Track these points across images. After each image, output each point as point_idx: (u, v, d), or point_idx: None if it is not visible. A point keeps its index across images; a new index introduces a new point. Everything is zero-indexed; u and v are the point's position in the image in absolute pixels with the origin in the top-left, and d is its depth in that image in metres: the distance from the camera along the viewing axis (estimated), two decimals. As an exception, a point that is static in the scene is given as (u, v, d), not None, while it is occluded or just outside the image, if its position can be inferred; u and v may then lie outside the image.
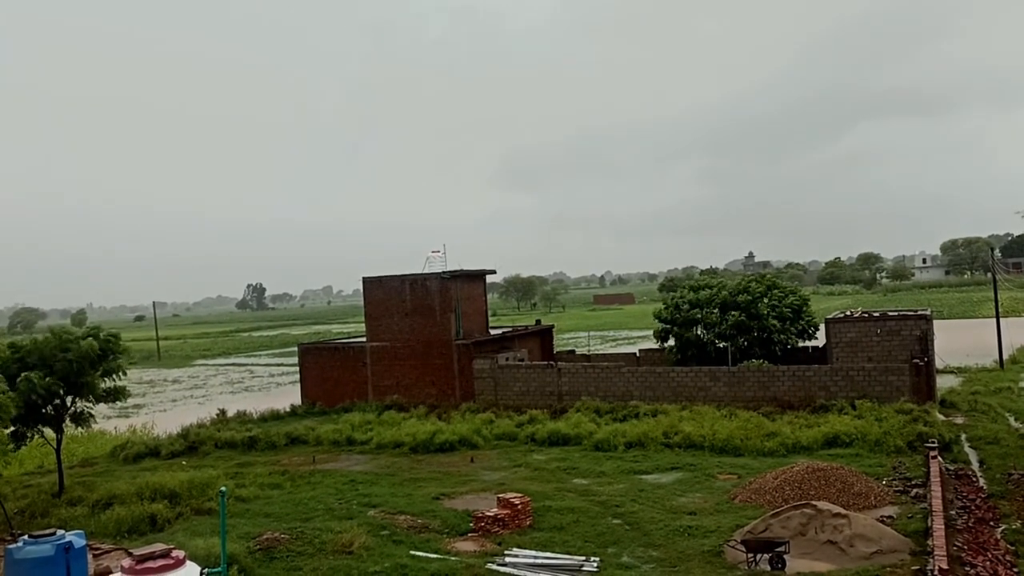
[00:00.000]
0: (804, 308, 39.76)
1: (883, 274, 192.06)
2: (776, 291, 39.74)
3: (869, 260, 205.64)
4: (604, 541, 18.72)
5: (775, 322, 37.73)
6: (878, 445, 26.48)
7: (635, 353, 45.27)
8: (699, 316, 39.36)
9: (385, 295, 42.35)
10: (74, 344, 25.25)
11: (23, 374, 24.25)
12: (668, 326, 41.13)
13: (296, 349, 47.98)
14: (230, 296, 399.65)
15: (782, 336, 38.21)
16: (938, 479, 19.96)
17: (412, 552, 18.11)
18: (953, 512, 19.41)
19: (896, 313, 37.99)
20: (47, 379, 24.33)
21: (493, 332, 45.25)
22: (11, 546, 12.99)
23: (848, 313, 40.49)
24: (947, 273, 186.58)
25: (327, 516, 21.23)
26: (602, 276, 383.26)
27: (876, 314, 38.33)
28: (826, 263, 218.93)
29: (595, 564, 16.95)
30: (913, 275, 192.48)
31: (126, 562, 11.86)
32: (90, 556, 14.62)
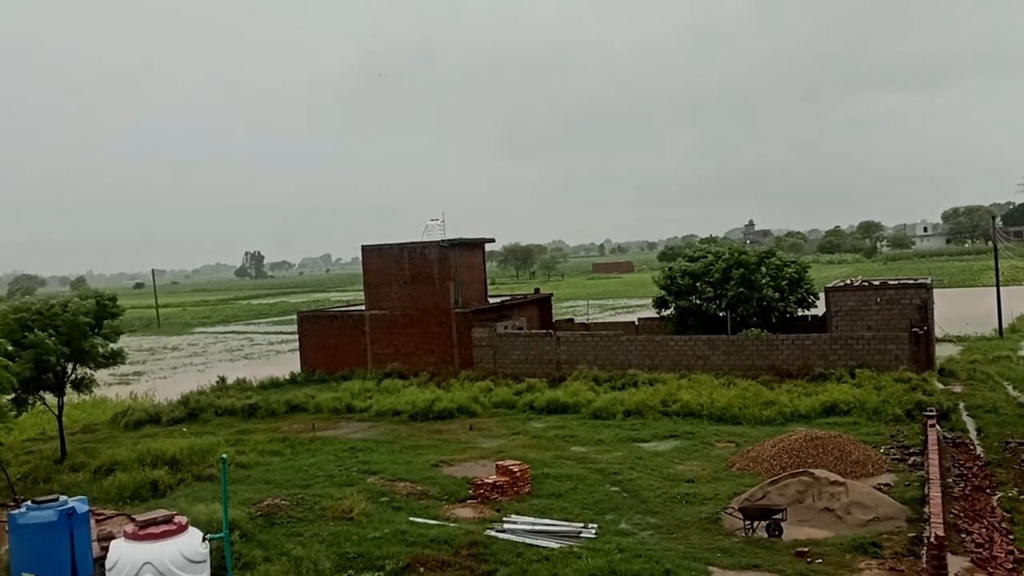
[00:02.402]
0: (803, 277, 39.70)
1: (884, 243, 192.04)
2: (773, 259, 39.60)
3: (870, 229, 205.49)
4: (602, 508, 18.84)
5: (773, 293, 37.67)
6: (876, 413, 26.59)
7: (634, 322, 45.31)
8: (697, 286, 39.29)
9: (384, 263, 42.30)
10: (72, 304, 25.33)
11: (35, 333, 24.29)
12: (666, 295, 41.09)
13: (295, 317, 48.02)
14: (229, 264, 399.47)
15: (780, 305, 38.18)
16: (935, 447, 20.05)
17: (411, 518, 18.22)
18: (950, 480, 19.53)
19: (896, 282, 38.05)
20: (51, 342, 24.42)
21: (492, 300, 45.26)
22: (14, 511, 13.08)
23: (848, 282, 40.53)
24: (948, 242, 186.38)
25: (327, 483, 21.35)
26: (601, 244, 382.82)
27: (876, 283, 38.37)
28: (826, 232, 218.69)
29: (593, 531, 17.07)
30: (914, 244, 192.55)
31: (129, 527, 11.96)
32: (93, 521, 14.72)
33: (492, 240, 46.21)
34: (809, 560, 15.06)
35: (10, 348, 21.54)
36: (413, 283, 41.48)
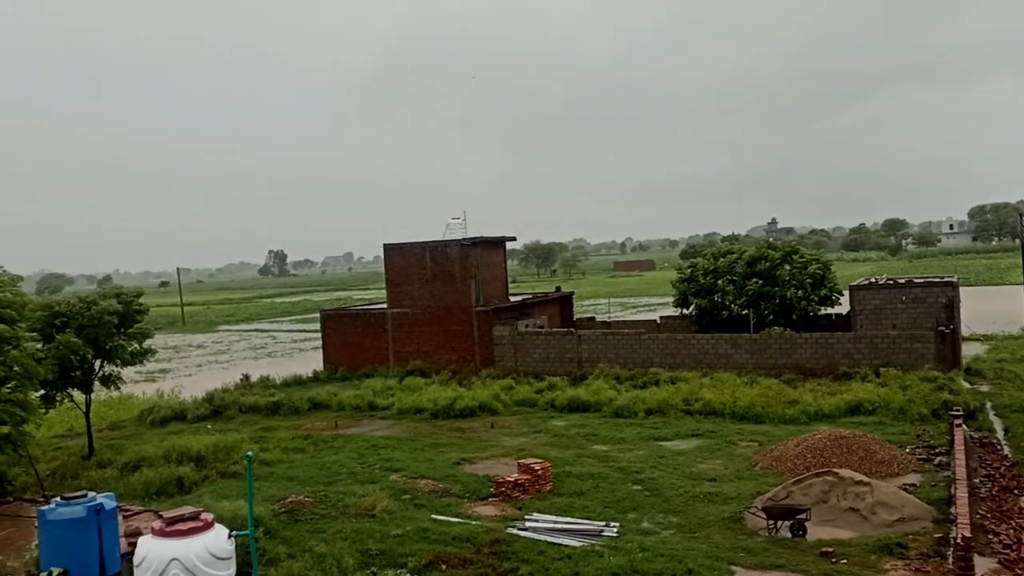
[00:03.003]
0: (827, 275, 39.40)
1: (909, 240, 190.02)
2: (796, 257, 39.33)
3: (895, 226, 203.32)
4: (624, 507, 18.81)
5: (796, 291, 37.42)
6: (902, 413, 26.35)
7: (655, 320, 45.17)
8: (719, 285, 39.14)
9: (406, 262, 42.45)
10: (96, 305, 25.62)
11: (60, 335, 24.63)
12: (687, 294, 40.98)
13: (318, 315, 48.29)
14: (252, 262, 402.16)
15: (803, 303, 37.92)
16: (962, 447, 19.85)
17: (433, 516, 18.28)
18: (977, 480, 19.32)
19: (922, 280, 37.63)
20: (78, 340, 24.74)
21: (513, 299, 45.30)
22: (44, 508, 13.26)
23: (873, 280, 40.18)
24: (974, 239, 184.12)
25: (350, 480, 21.45)
26: (623, 242, 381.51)
27: (901, 281, 38.00)
28: (851, 229, 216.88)
29: (615, 529, 17.05)
30: (939, 241, 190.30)
31: (156, 524, 12.09)
32: (120, 517, 14.90)
33: (513, 238, 46.24)
34: (834, 560, 14.96)
35: (39, 346, 21.84)
36: (434, 281, 41.59)
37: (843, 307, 39.45)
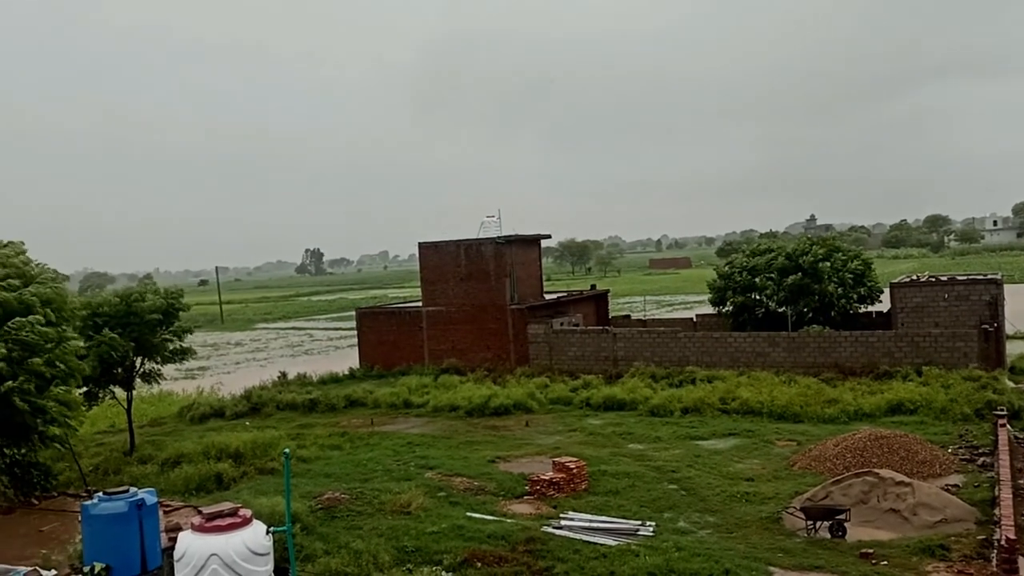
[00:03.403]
0: (867, 272, 38.84)
1: (951, 237, 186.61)
2: (839, 255, 38.86)
3: (937, 222, 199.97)
4: (660, 506, 18.70)
5: (836, 288, 36.93)
6: (944, 412, 25.88)
7: (692, 318, 44.86)
8: (756, 282, 38.79)
9: (441, 260, 42.59)
10: (139, 302, 26.04)
11: (102, 332, 25.09)
12: (724, 291, 40.67)
13: (354, 313, 48.63)
14: (289, 261, 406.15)
15: (843, 301, 37.42)
16: (1006, 447, 19.44)
17: (468, 513, 18.31)
18: (1021, 481, 18.91)
19: (965, 277, 36.95)
20: (121, 338, 25.19)
21: (548, 297, 45.24)
22: (87, 503, 13.50)
23: (914, 277, 39.52)
24: (1019, 235, 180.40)
25: (385, 477, 21.56)
26: (658, 240, 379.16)
27: (944, 278, 37.33)
28: (891, 226, 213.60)
29: (651, 529, 16.96)
30: (983, 238, 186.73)
31: (196, 519, 12.23)
32: (161, 512, 15.12)
33: (548, 236, 46.17)
34: (874, 562, 14.74)
35: (82, 344, 22.26)
36: (469, 280, 41.68)
37: (883, 305, 38.87)
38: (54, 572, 13.06)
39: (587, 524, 17.27)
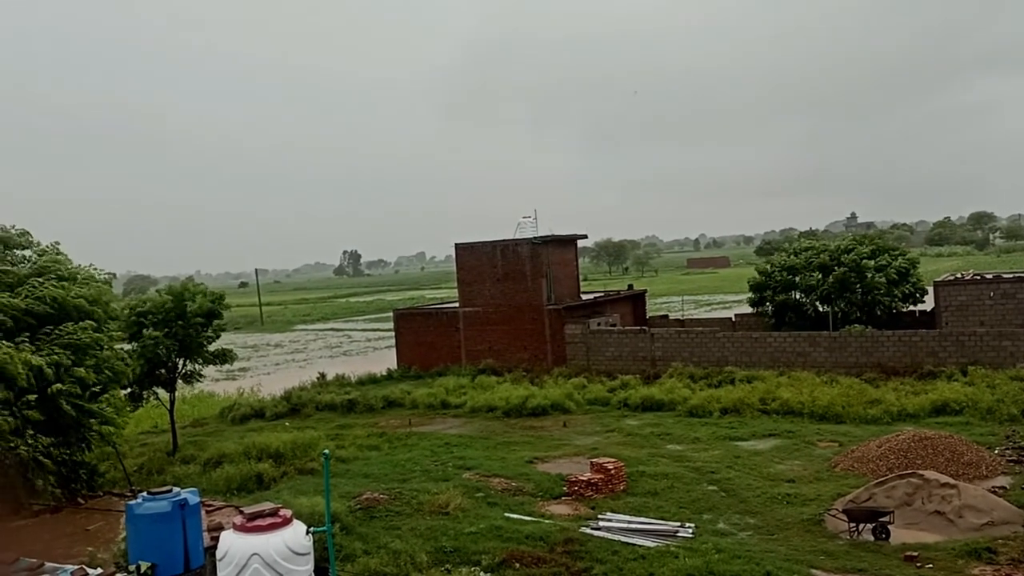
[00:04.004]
0: (911, 271, 38.23)
1: (997, 234, 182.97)
2: (884, 255, 38.42)
3: (981, 219, 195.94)
4: (699, 507, 18.55)
5: (881, 280, 36.37)
6: (990, 413, 25.34)
7: (731, 318, 44.47)
8: (797, 281, 38.42)
9: (477, 261, 42.68)
10: (190, 302, 26.52)
11: (147, 332, 25.58)
12: (763, 291, 40.33)
13: (391, 314, 48.93)
14: (327, 263, 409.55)
15: (886, 299, 36.86)
16: (1056, 449, 19.00)
17: (507, 514, 18.32)
18: (1072, 484, 18.48)
19: (1011, 275, 36.24)
20: (167, 340, 25.68)
21: (584, 297, 45.15)
22: (131, 502, 13.73)
23: (958, 275, 38.80)
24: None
25: (423, 477, 21.65)
26: (696, 239, 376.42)
27: (989, 276, 36.63)
28: (934, 223, 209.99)
29: (690, 530, 16.83)
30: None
31: (238, 519, 12.37)
32: (203, 512, 15.33)
33: (584, 236, 46.07)
34: (919, 565, 14.49)
35: (127, 346, 22.72)
36: (506, 280, 41.72)
37: (927, 304, 38.22)
38: (100, 571, 13.27)
39: (625, 525, 17.19)
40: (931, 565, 14.48)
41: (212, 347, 27.86)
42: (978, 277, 36.53)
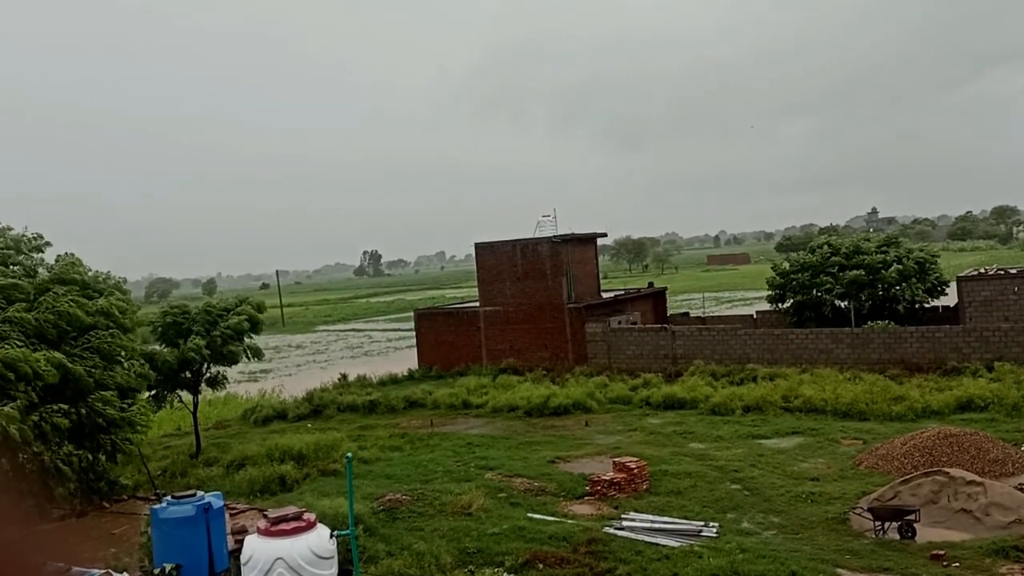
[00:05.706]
0: (932, 265, 37.86)
1: (1020, 228, 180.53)
2: (899, 248, 38.15)
3: (1004, 213, 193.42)
4: (723, 506, 18.47)
5: (893, 275, 36.16)
6: (1016, 409, 25.04)
7: (752, 315, 44.22)
8: (818, 281, 38.23)
9: (497, 260, 42.68)
10: (224, 322, 26.86)
11: (190, 339, 25.93)
12: (783, 289, 40.14)
13: (412, 314, 49.04)
14: (347, 263, 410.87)
15: (907, 293, 36.55)
16: (1085, 446, 18.75)
17: (529, 514, 18.31)
18: (1102, 481, 18.22)
19: (1036, 269, 35.72)
20: (204, 349, 26.05)
21: (605, 295, 45.03)
22: (156, 506, 13.85)
23: (982, 270, 38.34)
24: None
25: (446, 478, 21.67)
26: (716, 236, 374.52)
27: (1013, 271, 36.17)
28: (956, 217, 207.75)
29: (714, 530, 16.76)
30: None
31: (262, 524, 12.48)
32: (227, 515, 15.43)
33: (604, 234, 45.98)
34: (945, 563, 14.35)
35: (165, 349, 23.07)
36: (526, 279, 41.69)
37: (950, 299, 37.83)
38: (125, 574, 13.40)
39: (649, 525, 17.14)
40: (958, 564, 14.33)
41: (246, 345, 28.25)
42: (1002, 272, 36.08)
